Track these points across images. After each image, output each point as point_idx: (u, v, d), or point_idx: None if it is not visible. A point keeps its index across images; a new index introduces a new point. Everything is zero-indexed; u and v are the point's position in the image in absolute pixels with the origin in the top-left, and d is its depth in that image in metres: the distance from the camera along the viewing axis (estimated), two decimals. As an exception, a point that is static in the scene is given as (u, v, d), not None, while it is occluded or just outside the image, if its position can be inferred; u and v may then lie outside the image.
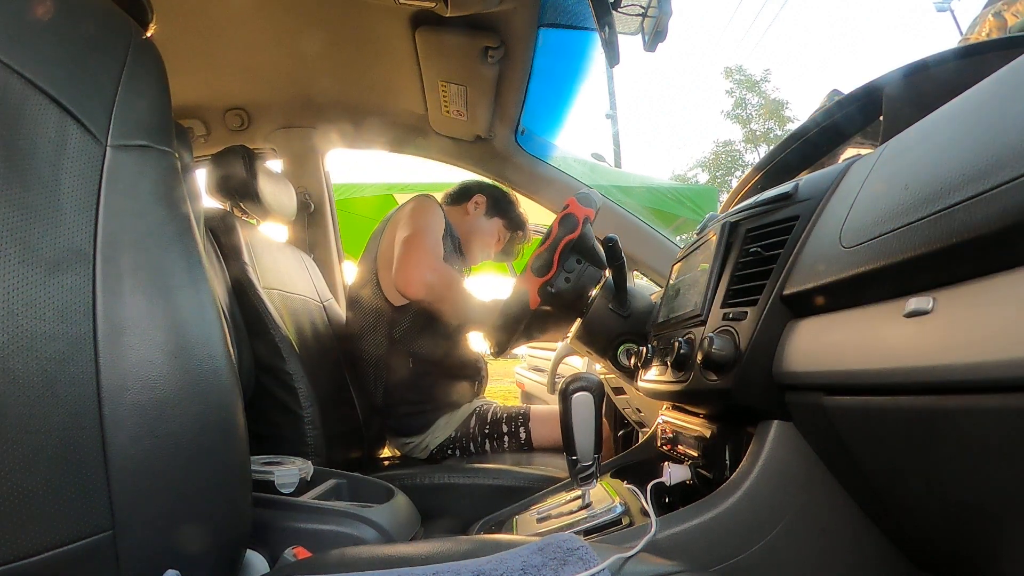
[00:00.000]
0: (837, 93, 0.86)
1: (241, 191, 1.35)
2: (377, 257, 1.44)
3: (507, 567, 0.42)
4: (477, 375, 1.51)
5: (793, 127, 0.94)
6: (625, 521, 0.70)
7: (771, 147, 1.35)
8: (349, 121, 1.63)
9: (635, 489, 0.71)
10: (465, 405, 1.47)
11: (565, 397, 0.72)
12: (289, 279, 1.41)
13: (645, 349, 0.85)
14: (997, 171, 0.32)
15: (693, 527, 0.58)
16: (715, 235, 0.70)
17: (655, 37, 0.92)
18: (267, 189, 1.38)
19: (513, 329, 1.06)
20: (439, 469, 1.30)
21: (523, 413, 1.45)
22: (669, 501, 0.76)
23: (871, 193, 0.47)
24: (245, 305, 1.21)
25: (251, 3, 1.18)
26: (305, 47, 1.32)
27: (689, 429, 0.74)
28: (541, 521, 0.80)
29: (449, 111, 1.45)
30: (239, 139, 1.63)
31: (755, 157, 16.95)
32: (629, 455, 1.01)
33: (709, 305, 0.67)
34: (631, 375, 0.97)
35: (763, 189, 0.78)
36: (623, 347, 1.01)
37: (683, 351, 0.67)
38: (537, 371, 2.85)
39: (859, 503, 0.55)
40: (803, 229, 0.56)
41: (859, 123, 0.79)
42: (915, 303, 0.37)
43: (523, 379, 3.03)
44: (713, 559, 0.58)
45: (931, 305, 0.36)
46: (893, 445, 0.44)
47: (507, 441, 1.43)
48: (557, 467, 1.27)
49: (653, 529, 0.56)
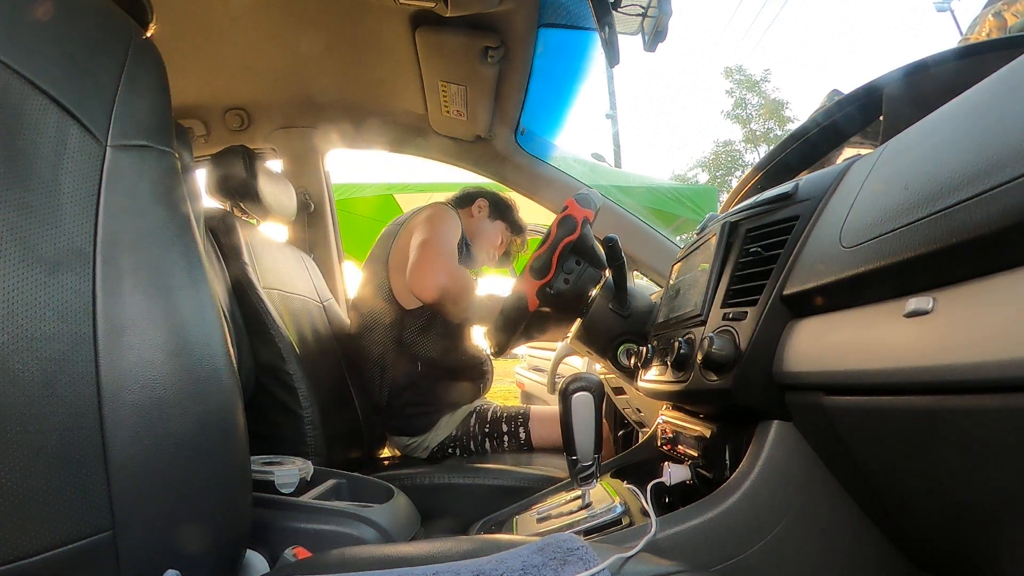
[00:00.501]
0: (837, 93, 0.86)
1: (241, 191, 1.35)
2: (388, 260, 1.44)
3: (507, 567, 0.42)
4: (482, 376, 1.52)
5: (793, 127, 0.94)
6: (625, 521, 0.70)
7: (771, 147, 1.35)
8: (349, 121, 1.63)
9: (635, 489, 0.71)
10: (466, 405, 1.47)
11: (565, 397, 0.72)
12: (289, 279, 1.41)
13: (645, 349, 0.85)
14: (997, 171, 0.32)
15: (693, 527, 0.58)
16: (715, 235, 0.70)
17: (655, 37, 0.92)
18: (267, 189, 1.38)
19: (512, 330, 1.06)
20: (439, 469, 1.30)
21: (523, 413, 1.46)
22: (669, 501, 0.76)
23: (871, 193, 0.47)
24: (245, 305, 1.21)
25: (251, 3, 1.18)
26: (305, 47, 1.32)
27: (689, 429, 0.74)
28: (541, 521, 0.80)
29: (449, 111, 1.45)
30: (239, 139, 1.63)
31: (755, 157, 16.95)
32: (629, 455, 1.01)
33: (709, 305, 0.67)
34: (631, 375, 0.97)
35: (763, 189, 0.78)
36: (623, 347, 1.01)
37: (683, 351, 0.67)
38: (537, 371, 2.85)
39: (859, 503, 0.55)
40: (803, 229, 0.56)
41: (859, 123, 0.79)
42: (915, 303, 0.37)
43: (523, 379, 3.03)
44: (713, 559, 0.58)
45: (931, 305, 0.36)
46: (893, 445, 0.44)
47: (507, 441, 1.43)
48: (557, 467, 1.27)
49: (653, 529, 0.56)
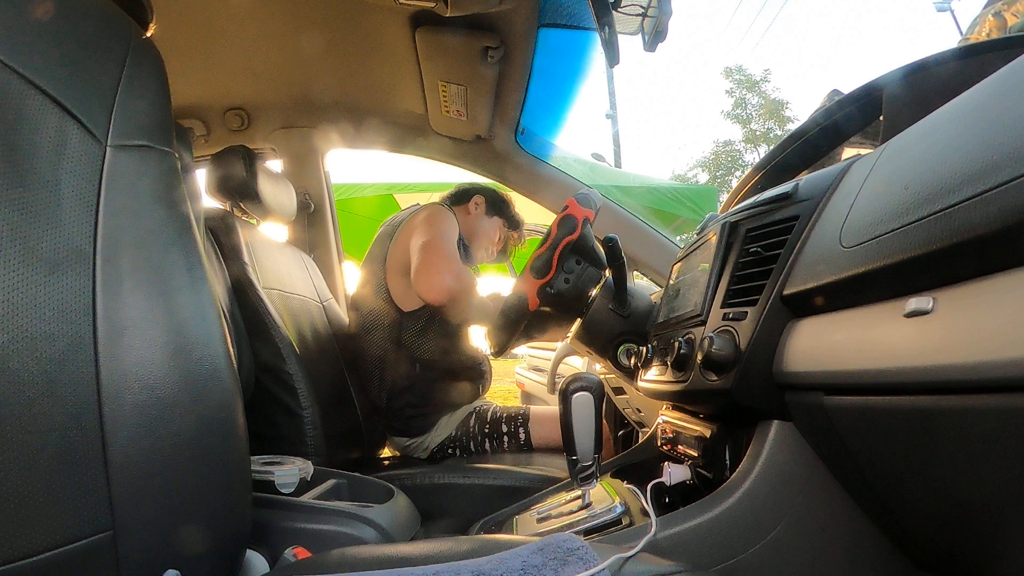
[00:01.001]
0: (837, 93, 0.86)
1: (241, 191, 1.35)
2: (386, 262, 1.43)
3: (507, 567, 0.42)
4: (481, 377, 1.52)
5: (793, 127, 0.93)
6: (625, 521, 0.70)
7: (771, 147, 1.35)
8: (349, 121, 1.63)
9: (635, 489, 0.71)
10: (465, 407, 1.48)
11: (565, 397, 0.72)
12: (289, 279, 1.41)
13: (645, 349, 0.85)
14: (997, 171, 0.32)
15: (693, 527, 0.58)
16: (715, 235, 0.70)
17: (655, 37, 0.92)
18: (267, 189, 1.38)
19: (512, 330, 1.06)
20: (439, 469, 1.30)
21: (522, 414, 1.46)
22: (669, 501, 0.76)
23: (871, 193, 0.47)
24: (245, 305, 1.21)
25: (251, 3, 1.18)
26: (305, 47, 1.32)
27: (689, 429, 0.74)
28: (541, 521, 0.80)
29: (449, 111, 1.44)
30: (239, 139, 1.63)
31: (755, 157, 16.95)
32: (629, 455, 1.01)
33: (709, 305, 0.67)
34: (631, 375, 0.97)
35: (763, 189, 0.78)
36: (623, 347, 1.01)
37: (683, 351, 0.67)
38: (537, 371, 2.86)
39: (859, 503, 0.55)
40: (803, 229, 0.56)
41: (859, 123, 0.79)
42: (915, 303, 0.37)
43: (523, 379, 3.04)
44: (713, 559, 0.58)
45: (931, 305, 0.36)
46: (893, 445, 0.44)
47: (507, 441, 1.43)
48: (557, 467, 1.27)
49: (653, 529, 0.56)
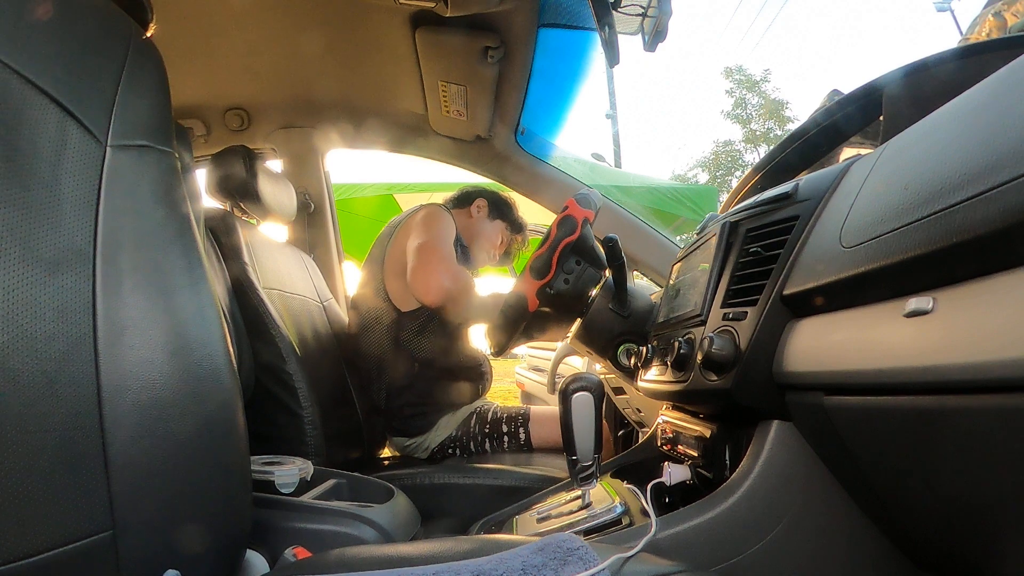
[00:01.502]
0: (837, 93, 0.86)
1: (241, 191, 1.35)
2: (384, 263, 1.44)
3: (507, 567, 0.42)
4: (480, 377, 1.52)
5: (793, 127, 0.93)
6: (625, 521, 0.70)
7: (771, 147, 1.35)
8: (349, 121, 1.63)
9: (635, 489, 0.71)
10: (466, 406, 1.48)
11: (565, 397, 0.72)
12: (289, 279, 1.41)
13: (645, 349, 0.85)
14: (997, 171, 0.32)
15: (693, 527, 0.58)
16: (715, 235, 0.70)
17: (655, 37, 0.92)
18: (267, 189, 1.38)
19: (512, 330, 1.06)
20: (439, 469, 1.30)
21: (523, 414, 1.46)
22: (669, 501, 0.76)
23: (871, 193, 0.47)
24: (245, 305, 1.21)
25: (251, 3, 1.18)
26: (305, 47, 1.32)
27: (689, 429, 0.74)
28: (541, 521, 0.80)
29: (449, 111, 1.44)
30: (239, 139, 1.63)
31: (755, 157, 16.94)
32: (629, 455, 1.01)
33: (709, 305, 0.67)
34: (631, 375, 0.97)
35: (763, 189, 0.78)
36: (623, 347, 1.01)
37: (683, 351, 0.67)
38: (537, 371, 2.86)
39: (859, 503, 0.55)
40: (803, 229, 0.56)
41: (859, 123, 0.79)
42: (915, 303, 0.37)
43: (523, 379, 3.04)
44: (713, 559, 0.58)
45: (931, 305, 0.36)
46: (893, 445, 0.44)
47: (507, 442, 1.43)
48: (557, 467, 1.27)
49: (653, 529, 0.56)
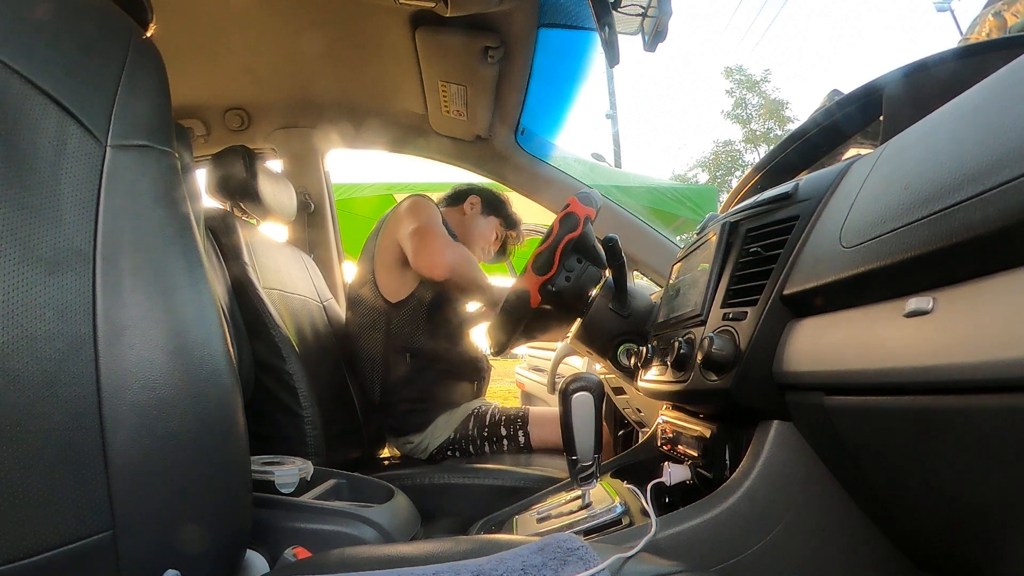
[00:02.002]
0: (837, 93, 0.86)
1: (241, 191, 1.35)
2: (375, 256, 1.45)
3: (507, 567, 0.42)
4: (478, 375, 1.51)
5: (793, 127, 0.93)
6: (625, 521, 0.70)
7: (771, 147, 1.35)
8: (349, 121, 1.63)
9: (635, 489, 0.71)
10: (464, 405, 1.47)
11: (565, 397, 0.72)
12: (289, 279, 1.41)
13: (645, 349, 0.85)
14: (997, 171, 0.32)
15: (693, 527, 0.58)
16: (715, 235, 0.70)
17: (655, 37, 0.92)
18: (267, 189, 1.38)
19: (513, 328, 1.06)
20: (439, 469, 1.30)
21: (522, 416, 1.46)
22: (669, 501, 0.76)
23: (871, 193, 0.47)
24: (245, 305, 1.21)
25: (251, 3, 1.18)
26: (305, 47, 1.32)
27: (689, 429, 0.74)
28: (541, 521, 0.80)
29: (449, 111, 1.44)
30: (239, 139, 1.63)
31: (755, 157, 16.94)
32: (629, 455, 1.01)
33: (709, 305, 0.67)
34: (631, 375, 0.97)
35: (763, 189, 0.78)
36: (623, 347, 1.01)
37: (683, 351, 0.67)
38: (537, 371, 2.85)
39: (859, 503, 0.55)
40: (803, 229, 0.56)
41: (859, 123, 0.79)
42: (915, 303, 0.37)
43: (523, 379, 3.03)
44: (713, 559, 0.58)
45: (931, 305, 0.36)
46: (893, 445, 0.44)
47: (506, 444, 1.43)
48: (557, 467, 1.27)
49: (653, 529, 0.56)
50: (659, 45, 0.93)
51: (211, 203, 1.38)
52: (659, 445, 0.85)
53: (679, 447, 0.77)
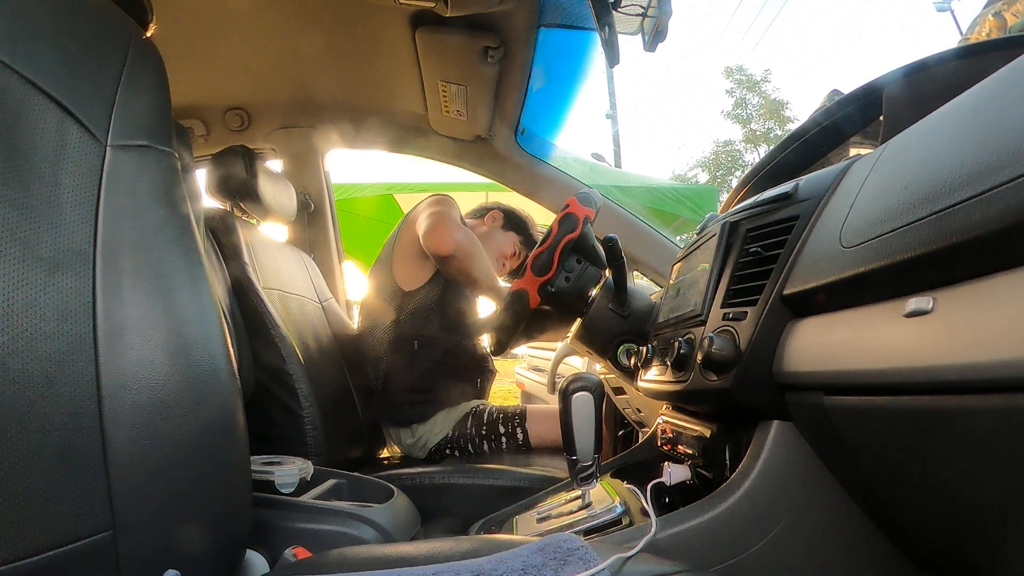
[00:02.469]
0: (837, 93, 0.86)
1: (241, 191, 1.35)
2: (394, 247, 1.50)
3: (507, 567, 0.42)
4: (481, 374, 1.52)
5: (793, 127, 0.93)
6: (625, 521, 0.70)
7: (771, 147, 1.35)
8: (349, 121, 1.63)
9: (635, 489, 0.71)
10: (464, 403, 1.48)
11: (565, 397, 0.72)
12: (289, 279, 1.41)
13: (645, 349, 0.85)
14: (997, 171, 0.32)
15: (693, 527, 0.58)
16: (715, 235, 0.70)
17: (655, 37, 0.92)
18: (267, 189, 1.38)
19: (513, 329, 1.06)
20: (439, 469, 1.30)
21: (519, 413, 1.46)
22: (669, 501, 0.76)
23: (871, 193, 0.47)
24: (245, 305, 1.21)
25: (251, 3, 1.18)
26: (305, 47, 1.32)
27: (689, 429, 0.74)
28: (541, 521, 0.80)
29: (449, 111, 1.45)
30: (239, 139, 1.63)
31: (755, 157, 16.93)
32: (629, 455, 1.01)
33: (709, 305, 0.67)
34: (631, 375, 0.97)
35: (763, 189, 0.78)
36: (623, 347, 1.01)
37: (683, 351, 0.67)
38: (537, 371, 2.85)
39: (859, 503, 0.55)
40: (803, 229, 0.56)
41: (859, 123, 0.78)
42: (915, 303, 0.37)
43: (523, 379, 3.03)
44: (713, 559, 0.58)
45: (931, 305, 0.36)
46: (893, 445, 0.44)
47: (505, 442, 1.44)
48: (557, 467, 1.27)
49: (653, 529, 0.56)
50: (659, 45, 0.94)
51: (211, 203, 1.38)
52: (659, 445, 0.85)
53: (679, 447, 0.77)
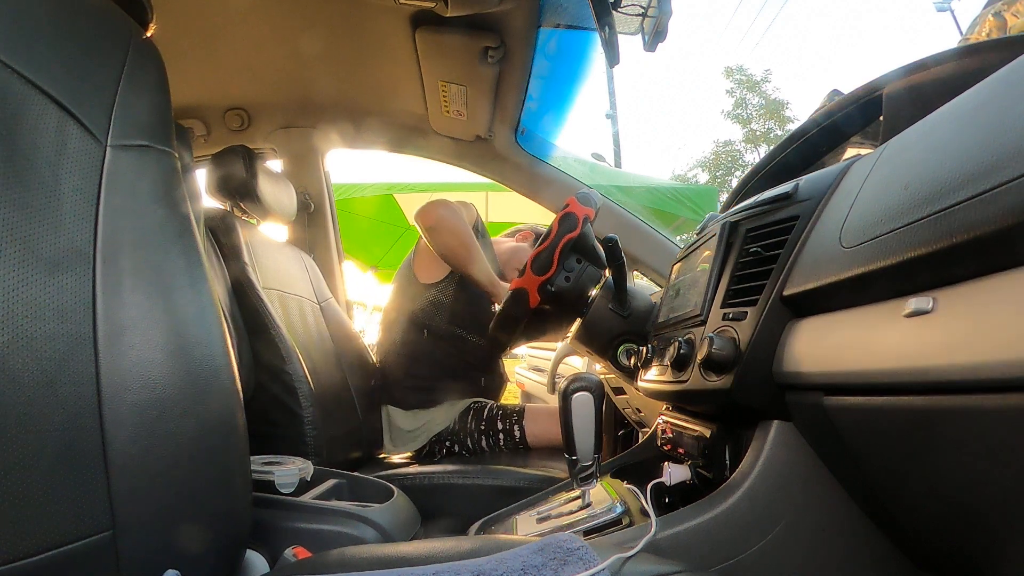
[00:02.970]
0: (837, 93, 0.86)
1: (241, 191, 1.35)
2: (418, 244, 1.59)
3: (507, 567, 0.42)
4: (485, 373, 1.55)
5: (793, 127, 0.93)
6: (625, 521, 0.70)
7: (771, 147, 1.35)
8: (349, 121, 1.63)
9: (635, 489, 0.71)
10: (467, 399, 1.50)
11: (565, 397, 0.72)
12: (289, 279, 1.41)
13: (645, 349, 0.85)
14: (997, 171, 0.32)
15: (693, 527, 0.58)
16: (715, 235, 0.70)
17: (655, 37, 0.92)
18: (267, 189, 1.38)
19: (513, 327, 1.06)
20: (439, 469, 1.30)
21: (518, 411, 1.49)
22: (669, 501, 0.76)
23: (871, 193, 0.47)
24: (245, 305, 1.21)
25: (251, 3, 1.18)
26: (305, 47, 1.32)
27: (689, 429, 0.74)
28: (541, 521, 0.80)
29: (449, 111, 1.45)
30: (239, 139, 1.63)
31: (755, 157, 16.91)
32: (629, 455, 1.01)
33: (709, 305, 0.67)
34: (631, 375, 0.97)
35: (763, 189, 0.78)
36: (623, 347, 1.01)
37: (683, 351, 0.67)
38: (537, 371, 2.85)
39: (859, 503, 0.55)
40: (803, 229, 0.56)
41: (859, 123, 0.78)
42: (915, 303, 0.37)
43: (523, 379, 3.03)
44: (713, 559, 0.58)
45: (931, 305, 0.36)
46: (893, 445, 0.44)
47: (502, 438, 1.46)
48: (557, 467, 1.27)
49: (653, 529, 0.56)
50: (659, 45, 0.94)
51: (211, 203, 1.38)
52: (659, 445, 0.85)
53: (679, 447, 0.77)
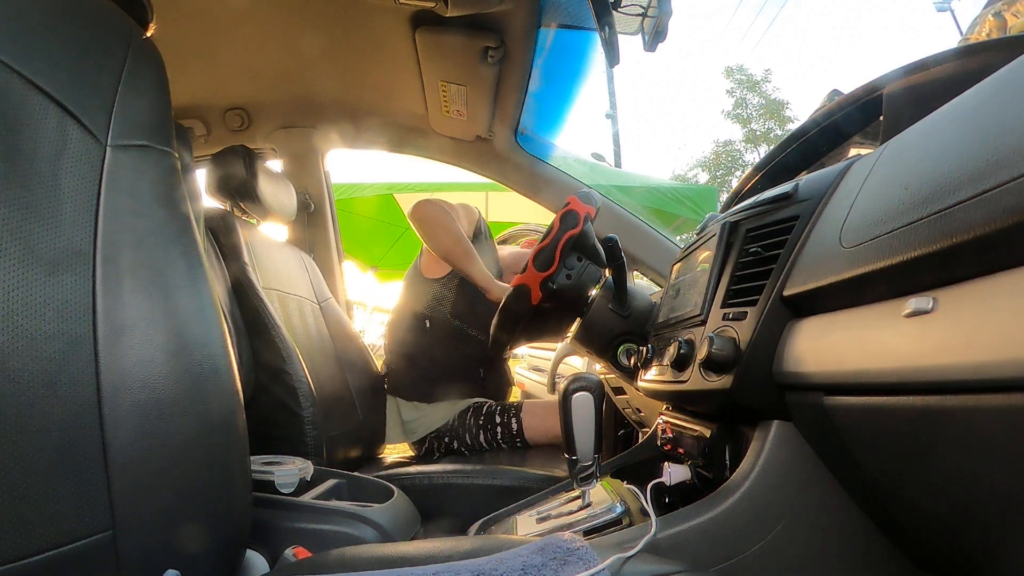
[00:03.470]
0: (837, 93, 0.86)
1: (241, 191, 1.35)
2: (423, 250, 1.65)
3: (507, 567, 0.42)
4: (485, 367, 1.58)
5: (793, 127, 0.93)
6: (625, 521, 0.70)
7: (771, 147, 1.35)
8: (349, 121, 1.63)
9: (635, 489, 0.71)
10: (468, 399, 1.52)
11: (565, 397, 0.72)
12: (289, 279, 1.41)
13: (645, 349, 0.85)
14: (997, 171, 0.32)
15: (693, 527, 0.58)
16: (715, 235, 0.70)
17: (655, 37, 0.92)
18: (267, 189, 1.38)
19: (513, 325, 1.06)
20: (439, 469, 1.30)
21: (515, 405, 1.52)
22: (669, 501, 0.76)
23: (871, 193, 0.47)
24: (245, 305, 1.21)
25: (251, 3, 1.18)
26: (305, 47, 1.32)
27: (689, 429, 0.74)
28: (541, 521, 0.80)
29: (449, 111, 1.45)
30: (239, 139, 1.63)
31: (755, 157, 16.92)
32: (629, 455, 1.01)
33: (709, 305, 0.67)
34: (631, 375, 0.97)
35: (763, 189, 0.78)
36: (623, 347, 1.01)
37: (683, 351, 0.67)
38: (537, 371, 2.85)
39: (859, 503, 0.55)
40: (803, 229, 0.56)
41: (859, 123, 0.78)
42: (915, 303, 0.37)
43: (523, 379, 3.03)
44: (713, 559, 0.58)
45: (931, 305, 0.36)
46: (893, 445, 0.44)
47: (500, 432, 1.48)
48: (557, 467, 1.27)
49: (653, 529, 0.56)
50: (659, 45, 0.94)
51: (211, 203, 1.38)
52: (659, 445, 0.85)
53: (679, 447, 0.77)
